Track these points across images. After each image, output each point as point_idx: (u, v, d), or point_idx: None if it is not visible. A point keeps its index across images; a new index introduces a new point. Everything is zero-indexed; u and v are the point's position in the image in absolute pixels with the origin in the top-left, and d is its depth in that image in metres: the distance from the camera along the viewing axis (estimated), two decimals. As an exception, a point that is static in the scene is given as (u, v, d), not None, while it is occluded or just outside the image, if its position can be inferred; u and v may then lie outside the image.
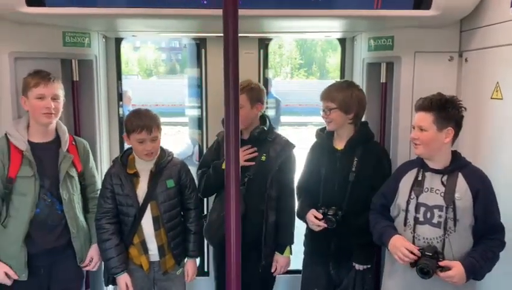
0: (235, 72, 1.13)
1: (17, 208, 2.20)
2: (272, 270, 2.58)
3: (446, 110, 1.99)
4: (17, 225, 2.19)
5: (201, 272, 3.32)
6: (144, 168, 2.38)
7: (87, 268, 2.46)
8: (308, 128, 13.95)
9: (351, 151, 2.37)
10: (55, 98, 2.26)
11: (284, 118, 10.01)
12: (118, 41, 3.09)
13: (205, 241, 2.70)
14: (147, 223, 2.36)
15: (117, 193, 2.36)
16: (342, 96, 2.34)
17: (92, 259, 2.43)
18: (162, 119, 2.42)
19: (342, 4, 2.27)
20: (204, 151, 3.16)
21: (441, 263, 1.93)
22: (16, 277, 2.20)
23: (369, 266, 2.42)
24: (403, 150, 2.62)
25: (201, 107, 3.25)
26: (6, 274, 2.19)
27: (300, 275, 2.65)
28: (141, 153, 2.32)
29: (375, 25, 2.63)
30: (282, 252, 2.57)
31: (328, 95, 2.37)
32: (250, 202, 2.44)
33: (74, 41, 2.61)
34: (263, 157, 2.49)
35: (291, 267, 2.68)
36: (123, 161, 2.39)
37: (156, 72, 28.72)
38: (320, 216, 2.34)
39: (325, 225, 2.33)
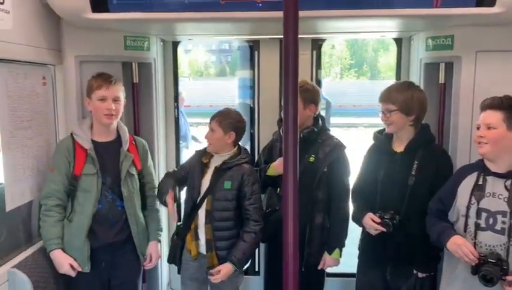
0: (294, 72, 1.15)
1: (82, 204, 2.31)
2: (319, 268, 2.58)
3: None
4: (81, 219, 2.30)
5: (252, 271, 3.36)
6: (215, 160, 2.47)
7: (148, 266, 2.55)
8: (358, 130, 13.71)
9: (410, 154, 2.31)
10: (116, 99, 2.36)
11: (334, 120, 9.89)
12: (175, 44, 3.19)
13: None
14: (201, 213, 2.44)
15: (190, 173, 2.52)
16: (402, 97, 2.27)
17: (151, 256, 2.52)
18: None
19: (400, 3, 2.22)
20: (256, 151, 3.21)
21: (508, 277, 1.84)
22: (79, 269, 2.32)
23: (432, 273, 2.34)
24: (462, 153, 2.51)
25: (253, 108, 3.29)
26: (71, 266, 2.31)
27: (353, 278, 2.62)
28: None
29: (434, 24, 2.54)
30: (330, 253, 2.56)
31: (388, 96, 2.31)
32: (298, 203, 2.43)
33: (135, 45, 2.72)
34: (311, 158, 2.49)
35: (344, 270, 2.65)
36: (203, 151, 2.53)
37: (206, 74, 29.27)
38: (378, 220, 2.29)
39: (383, 229, 2.28)
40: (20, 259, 2.21)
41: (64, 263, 2.29)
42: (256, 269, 3.36)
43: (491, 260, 1.87)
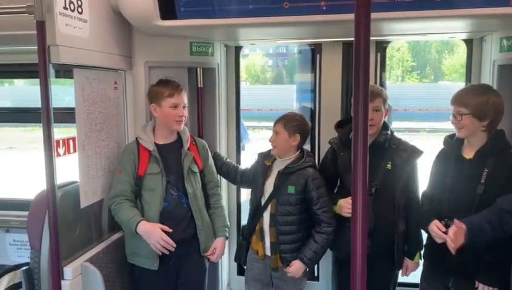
0: (365, 76, 1.13)
1: (148, 202, 2.41)
2: (402, 274, 2.56)
3: None
4: (149, 217, 2.39)
5: (311, 276, 3.33)
6: (277, 165, 2.51)
7: (210, 256, 2.55)
8: (420, 135, 13.20)
9: (481, 162, 2.18)
10: (184, 106, 2.47)
11: (395, 124, 9.60)
12: (238, 49, 3.25)
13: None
14: (266, 216, 2.48)
15: (254, 176, 2.62)
16: (476, 101, 2.15)
17: (215, 250, 2.56)
18: (268, 124, 2.52)
19: (473, 3, 2.11)
20: (316, 156, 3.17)
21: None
22: (170, 230, 2.35)
23: (496, 288, 2.19)
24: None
25: (314, 112, 3.27)
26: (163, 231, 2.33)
27: (417, 289, 2.53)
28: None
29: (509, 24, 2.40)
30: (412, 259, 2.51)
31: (461, 99, 2.19)
32: (380, 212, 2.38)
33: (200, 51, 2.81)
34: (388, 166, 2.42)
35: (410, 280, 2.58)
36: (266, 154, 2.58)
37: (263, 78, 29.45)
38: (444, 228, 2.18)
39: (447, 239, 2.17)
40: (92, 254, 2.33)
41: (154, 228, 2.32)
42: (316, 274, 3.32)
43: None
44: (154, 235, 2.31)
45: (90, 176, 2.39)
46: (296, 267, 2.44)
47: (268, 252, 2.49)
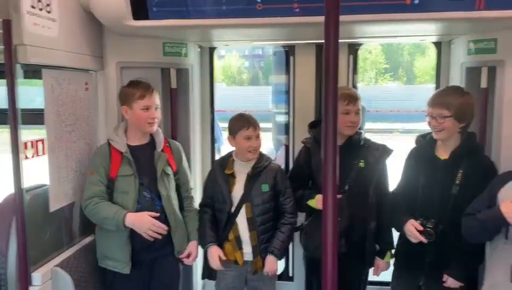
0: (334, 77, 1.14)
1: (121, 205, 2.36)
2: (373, 274, 2.59)
3: None
4: None
5: (285, 276, 3.34)
6: (241, 170, 2.49)
7: (184, 259, 2.52)
8: (394, 136, 13.45)
9: (456, 163, 2.24)
10: (157, 107, 2.43)
11: (367, 125, 9.76)
12: (212, 50, 3.24)
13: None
14: (241, 223, 2.47)
15: (214, 191, 2.54)
16: (458, 103, 2.20)
17: (190, 254, 2.53)
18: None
19: (440, 6, 2.16)
20: (291, 156, 3.20)
21: None
22: (156, 214, 2.35)
23: (461, 284, 2.26)
24: (507, 161, 2.41)
25: (288, 113, 3.29)
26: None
27: (388, 287, 2.57)
28: (246, 150, 2.44)
29: (476, 27, 2.47)
30: (383, 258, 2.54)
31: (443, 101, 2.23)
32: (353, 210, 2.41)
33: (173, 51, 2.78)
34: (361, 164, 2.47)
35: (380, 278, 2.61)
36: (222, 162, 2.55)
37: (239, 80, 29.50)
38: (421, 228, 2.22)
39: (424, 240, 2.22)
40: (62, 258, 2.28)
41: (143, 216, 2.31)
42: (290, 275, 3.34)
43: None
44: (146, 223, 2.31)
45: (60, 178, 2.34)
46: (270, 263, 2.45)
47: (248, 258, 2.48)
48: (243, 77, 30.43)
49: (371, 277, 2.67)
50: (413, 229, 2.24)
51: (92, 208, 2.33)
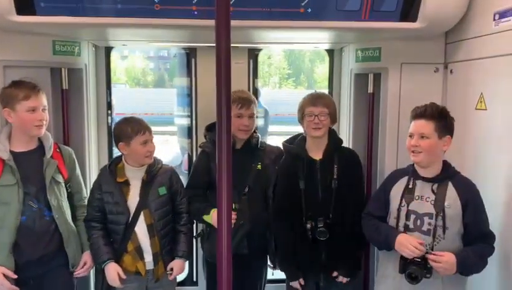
0: (227, 81, 1.15)
1: (2, 218, 2.17)
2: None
3: (445, 119, 2.05)
4: (3, 234, 2.16)
5: (190, 281, 3.31)
6: (134, 176, 2.38)
7: (78, 272, 2.39)
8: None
9: (329, 160, 2.40)
10: (44, 108, 2.26)
11: (271, 128, 10.03)
12: (108, 50, 3.10)
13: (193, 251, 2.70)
14: (140, 231, 2.36)
15: (106, 202, 2.37)
16: (333, 104, 2.44)
17: (85, 264, 2.40)
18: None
19: (330, 16, 2.30)
20: (194, 160, 3.17)
21: (431, 257, 1.95)
22: (14, 276, 2.16)
23: (348, 278, 2.42)
24: (390, 157, 2.67)
25: (190, 116, 3.27)
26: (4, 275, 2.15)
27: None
28: (143, 155, 2.33)
29: (362, 37, 2.68)
30: None
31: (324, 102, 2.39)
32: (254, 211, 2.46)
33: (64, 50, 2.61)
34: (259, 166, 2.52)
35: (276, 276, 2.71)
36: (111, 170, 2.39)
37: (144, 81, 28.62)
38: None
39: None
40: None
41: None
42: (195, 279, 3.31)
43: (417, 259, 1.98)
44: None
45: None
46: (179, 266, 2.42)
47: (149, 266, 2.38)
48: (148, 78, 29.53)
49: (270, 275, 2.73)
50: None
51: None
